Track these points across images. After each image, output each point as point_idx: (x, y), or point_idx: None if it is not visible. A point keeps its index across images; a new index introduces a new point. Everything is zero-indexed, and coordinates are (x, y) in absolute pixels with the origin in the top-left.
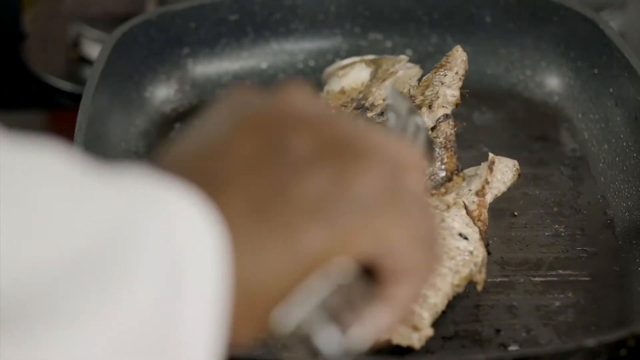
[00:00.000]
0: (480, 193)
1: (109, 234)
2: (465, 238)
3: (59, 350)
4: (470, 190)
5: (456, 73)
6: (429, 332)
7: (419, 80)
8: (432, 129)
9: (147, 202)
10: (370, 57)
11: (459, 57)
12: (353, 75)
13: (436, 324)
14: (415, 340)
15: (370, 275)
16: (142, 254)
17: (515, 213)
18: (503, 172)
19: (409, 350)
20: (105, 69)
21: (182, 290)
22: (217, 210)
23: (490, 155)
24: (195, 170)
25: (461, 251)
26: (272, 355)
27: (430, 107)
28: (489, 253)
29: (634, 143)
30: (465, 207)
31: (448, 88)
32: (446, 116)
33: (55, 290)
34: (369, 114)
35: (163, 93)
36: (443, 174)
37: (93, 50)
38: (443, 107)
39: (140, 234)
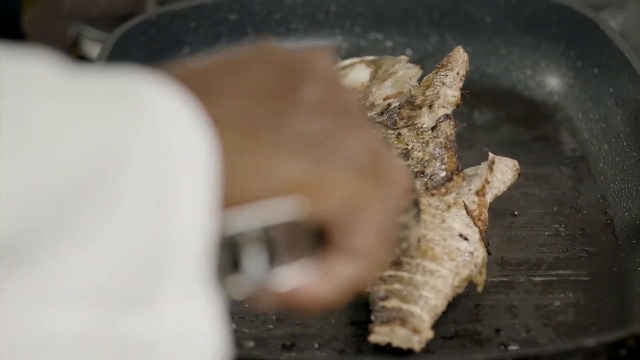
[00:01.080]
0: (480, 193)
1: (101, 152)
2: (466, 239)
3: (63, 272)
4: (470, 190)
5: (457, 73)
6: (429, 334)
7: (419, 80)
8: (433, 128)
9: (137, 113)
10: (370, 57)
11: (460, 58)
12: (353, 75)
13: (436, 323)
14: (416, 342)
15: (321, 236)
16: (133, 168)
17: (516, 213)
18: (503, 171)
19: (409, 351)
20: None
21: (174, 199)
22: (209, 119)
23: (491, 154)
24: (200, 81)
25: (462, 252)
26: (272, 355)
27: (430, 107)
28: (489, 253)
29: (634, 143)
30: (466, 207)
31: (449, 88)
32: (446, 116)
33: (55, 215)
34: (369, 114)
35: None
36: (443, 174)
37: (93, 50)
38: (444, 107)
39: (131, 149)
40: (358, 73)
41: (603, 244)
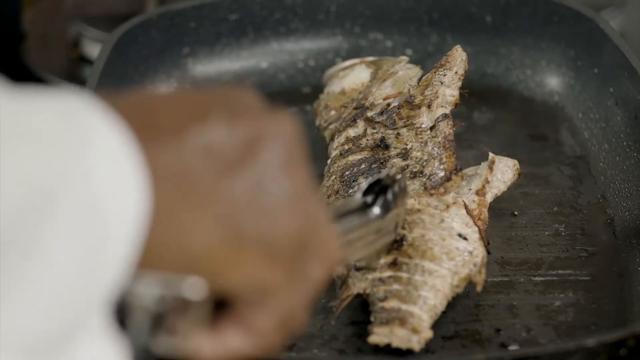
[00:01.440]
0: (480, 192)
1: (30, 200)
2: (465, 238)
3: None
4: (470, 189)
5: (455, 73)
6: (428, 334)
7: (420, 80)
8: (431, 128)
9: (74, 158)
10: (371, 58)
11: (458, 57)
12: (353, 76)
13: (436, 323)
14: (415, 342)
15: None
16: (62, 217)
17: (516, 213)
18: (503, 171)
19: (409, 351)
20: (105, 69)
21: (99, 253)
22: (148, 169)
23: (491, 154)
24: (150, 121)
25: (460, 251)
26: (272, 356)
27: (429, 106)
28: (488, 253)
29: (634, 142)
30: (466, 207)
31: (447, 88)
32: (445, 116)
33: None
34: (369, 114)
35: None
36: (442, 173)
37: (93, 49)
38: (442, 106)
39: (62, 197)
40: (358, 73)
41: (603, 243)
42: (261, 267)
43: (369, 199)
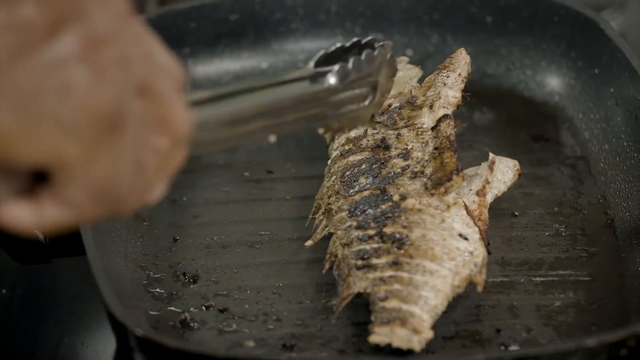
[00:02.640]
0: (481, 193)
1: None
2: (465, 238)
3: None
4: (471, 190)
5: (459, 75)
6: (429, 334)
7: (420, 80)
8: (433, 128)
9: None
10: None
11: (462, 59)
12: None
13: (437, 324)
14: (416, 342)
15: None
16: None
17: (516, 213)
18: (504, 172)
19: (409, 351)
20: None
21: None
22: None
23: (491, 155)
24: None
25: (461, 252)
26: (272, 355)
27: (431, 107)
28: (489, 253)
29: (634, 143)
30: (466, 207)
31: (450, 89)
32: (446, 116)
33: None
34: None
35: None
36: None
37: None
38: (444, 107)
39: None
40: None
41: (603, 244)
42: (55, 143)
43: (332, 67)
